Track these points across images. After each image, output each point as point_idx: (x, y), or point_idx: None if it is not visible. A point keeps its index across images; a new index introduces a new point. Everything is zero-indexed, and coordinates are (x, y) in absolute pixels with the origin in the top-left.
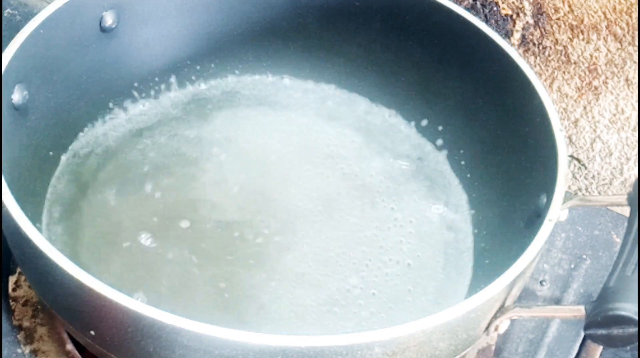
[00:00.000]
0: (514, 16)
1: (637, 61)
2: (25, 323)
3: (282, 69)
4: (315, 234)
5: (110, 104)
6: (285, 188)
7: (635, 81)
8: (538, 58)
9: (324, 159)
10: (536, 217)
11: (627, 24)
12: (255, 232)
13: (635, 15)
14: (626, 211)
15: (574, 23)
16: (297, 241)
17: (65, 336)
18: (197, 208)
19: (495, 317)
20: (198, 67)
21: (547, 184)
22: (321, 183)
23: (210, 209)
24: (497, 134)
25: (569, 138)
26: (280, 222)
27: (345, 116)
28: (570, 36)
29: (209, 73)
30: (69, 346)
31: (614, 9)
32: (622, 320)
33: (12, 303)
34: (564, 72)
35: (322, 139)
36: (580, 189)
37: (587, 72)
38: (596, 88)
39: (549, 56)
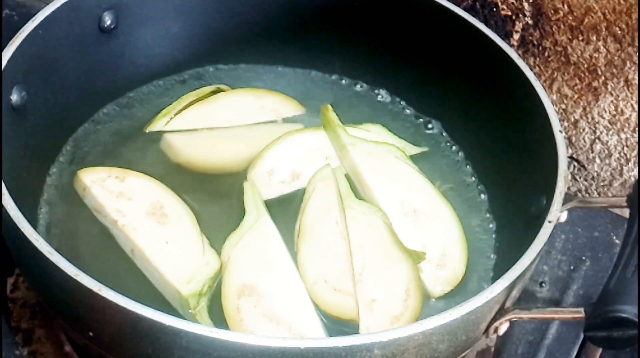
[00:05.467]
0: (514, 17)
1: (637, 61)
2: (24, 325)
3: (279, 71)
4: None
5: (109, 104)
6: None
7: (635, 81)
8: (538, 59)
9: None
10: (536, 218)
11: (627, 24)
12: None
13: (635, 16)
14: (626, 212)
15: (574, 24)
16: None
17: (63, 337)
18: (202, 205)
19: (494, 318)
20: (197, 66)
21: (547, 185)
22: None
23: (215, 202)
24: (496, 135)
25: (569, 139)
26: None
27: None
28: (570, 37)
29: (207, 71)
30: (68, 347)
31: (614, 9)
32: (622, 322)
33: (10, 305)
34: (563, 73)
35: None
36: (580, 191)
37: (587, 73)
38: (596, 89)
39: (549, 56)
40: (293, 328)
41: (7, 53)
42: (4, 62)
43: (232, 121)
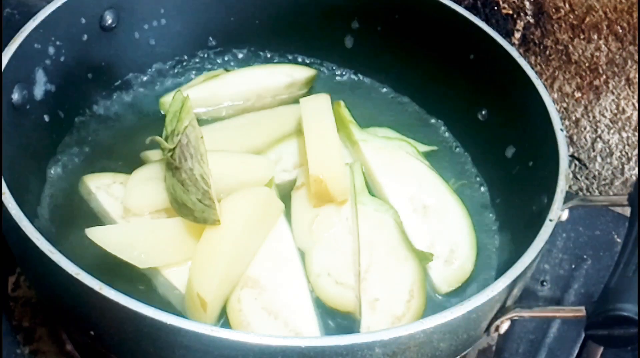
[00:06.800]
0: (515, 16)
1: (638, 60)
2: (25, 324)
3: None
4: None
5: (110, 102)
6: None
7: (637, 80)
8: (539, 58)
9: None
10: (537, 217)
11: (628, 23)
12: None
13: (636, 14)
14: (627, 211)
15: (575, 22)
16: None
17: (64, 336)
18: None
19: (495, 317)
20: (198, 65)
21: (548, 184)
22: None
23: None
24: (497, 134)
25: (570, 137)
26: None
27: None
28: (571, 36)
29: (209, 69)
30: (69, 346)
31: (615, 8)
32: (623, 321)
33: (11, 304)
34: (564, 72)
35: None
36: (581, 190)
37: (588, 72)
38: (597, 88)
39: (550, 55)
40: (290, 324)
41: (9, 52)
42: (6, 61)
43: (245, 87)
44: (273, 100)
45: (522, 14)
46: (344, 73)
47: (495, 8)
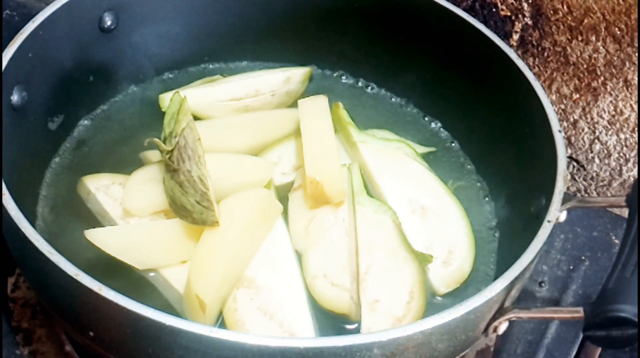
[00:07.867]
0: (513, 17)
1: (636, 62)
2: (24, 325)
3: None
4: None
5: (110, 103)
6: None
7: (635, 82)
8: (537, 59)
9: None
10: (535, 218)
11: (626, 25)
12: None
13: (634, 16)
14: (625, 212)
15: (573, 24)
16: None
17: (64, 337)
18: None
19: (494, 318)
20: (197, 65)
21: (546, 185)
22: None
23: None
24: (496, 135)
25: (568, 139)
26: None
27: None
28: (569, 37)
29: (208, 70)
30: (68, 347)
31: (613, 10)
32: (621, 322)
33: (11, 305)
34: (562, 74)
35: None
36: (579, 191)
37: (586, 74)
38: (595, 89)
39: (548, 57)
40: (285, 325)
41: (8, 53)
42: (5, 63)
43: (244, 82)
44: (272, 99)
45: (520, 15)
46: (342, 76)
47: (494, 10)
